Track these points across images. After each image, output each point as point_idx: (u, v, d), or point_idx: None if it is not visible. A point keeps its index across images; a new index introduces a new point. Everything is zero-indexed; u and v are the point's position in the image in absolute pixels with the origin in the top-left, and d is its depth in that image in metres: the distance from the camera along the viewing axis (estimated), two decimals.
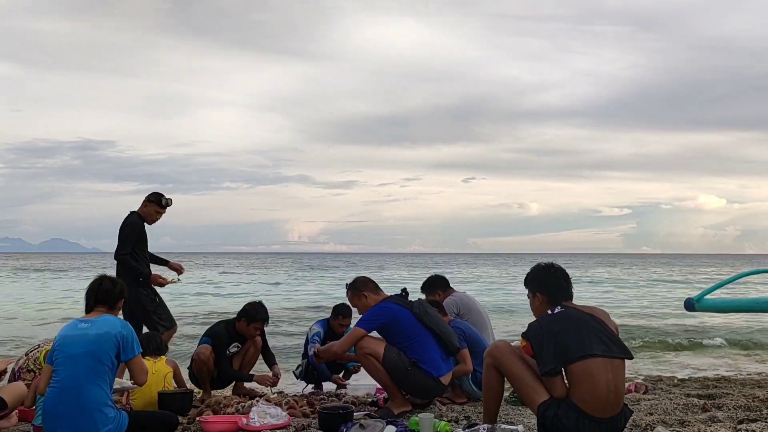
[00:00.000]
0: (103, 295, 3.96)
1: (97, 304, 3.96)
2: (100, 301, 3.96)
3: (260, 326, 6.01)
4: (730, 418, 4.63)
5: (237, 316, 5.98)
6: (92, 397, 3.69)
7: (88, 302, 4.00)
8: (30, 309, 19.34)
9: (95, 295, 3.97)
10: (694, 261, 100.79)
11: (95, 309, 3.95)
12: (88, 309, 3.98)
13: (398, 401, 4.84)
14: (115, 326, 3.82)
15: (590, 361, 3.46)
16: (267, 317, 6.04)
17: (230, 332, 5.92)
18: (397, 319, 4.80)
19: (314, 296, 25.07)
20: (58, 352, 3.78)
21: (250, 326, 5.90)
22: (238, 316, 5.96)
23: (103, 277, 4.10)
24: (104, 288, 3.98)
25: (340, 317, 6.43)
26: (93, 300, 3.97)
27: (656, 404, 5.17)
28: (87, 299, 4.02)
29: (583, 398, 3.46)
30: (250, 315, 5.91)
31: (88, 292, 4.03)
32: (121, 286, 4.08)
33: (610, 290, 30.15)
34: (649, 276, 45.35)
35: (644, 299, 24.28)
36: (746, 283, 23.67)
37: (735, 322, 14.44)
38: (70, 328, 3.86)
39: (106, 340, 3.75)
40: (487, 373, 3.89)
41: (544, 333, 3.55)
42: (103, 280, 4.05)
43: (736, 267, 60.73)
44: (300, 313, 17.58)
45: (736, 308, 7.70)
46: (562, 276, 3.79)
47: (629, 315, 17.47)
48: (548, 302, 3.72)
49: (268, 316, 6.05)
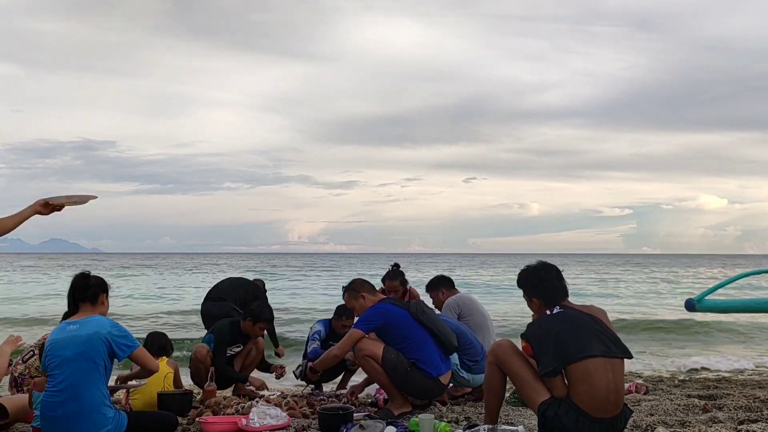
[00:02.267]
0: (80, 293, 3.88)
1: (78, 303, 3.89)
2: (80, 299, 3.88)
3: (265, 326, 6.04)
4: (730, 419, 4.62)
5: (242, 315, 6.00)
6: (90, 399, 3.67)
7: (69, 304, 3.94)
8: (30, 309, 19.35)
9: (73, 295, 3.90)
10: (695, 261, 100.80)
11: (80, 309, 3.89)
12: (72, 310, 3.92)
13: (398, 402, 4.83)
14: (104, 326, 3.76)
15: (590, 361, 3.45)
16: (272, 317, 6.09)
17: (234, 331, 5.93)
18: (395, 320, 4.80)
19: (314, 296, 25.07)
20: (50, 357, 3.73)
21: (255, 326, 5.91)
22: (243, 315, 5.98)
23: (76, 276, 3.99)
24: (78, 286, 3.90)
25: (343, 318, 6.42)
26: (72, 300, 3.91)
27: (657, 405, 5.17)
28: (68, 302, 3.95)
29: (583, 398, 3.45)
30: (255, 315, 5.93)
31: (67, 294, 3.96)
32: (96, 279, 3.95)
33: (611, 290, 30.14)
34: (649, 276, 45.33)
35: (645, 299, 24.27)
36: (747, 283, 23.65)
37: (736, 323, 14.43)
38: (59, 332, 3.80)
39: (96, 341, 3.71)
40: (490, 372, 3.89)
41: (544, 333, 3.54)
42: (75, 278, 3.96)
43: (736, 267, 60.70)
44: (300, 314, 17.58)
45: (737, 309, 7.69)
46: (554, 275, 3.76)
47: (629, 315, 17.46)
48: (545, 304, 3.71)
49: (273, 316, 6.10)
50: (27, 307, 20.18)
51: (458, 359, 5.32)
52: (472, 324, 5.79)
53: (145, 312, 18.27)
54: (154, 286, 31.32)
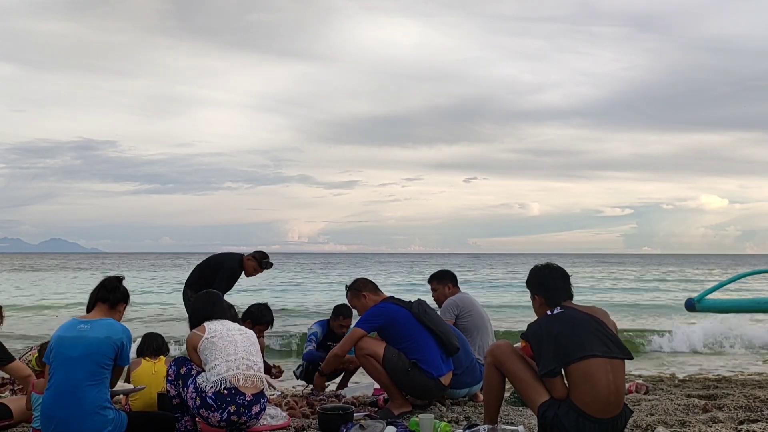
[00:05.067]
0: (105, 294, 3.91)
1: (98, 301, 3.91)
2: (101, 298, 3.90)
3: (265, 329, 5.99)
4: (731, 419, 4.62)
5: (242, 317, 5.97)
6: (91, 399, 3.66)
7: (90, 300, 3.95)
8: (28, 308, 19.34)
9: (97, 293, 3.92)
10: (695, 261, 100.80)
11: (96, 308, 3.90)
12: (90, 307, 3.93)
13: (398, 402, 4.82)
14: (116, 332, 3.76)
15: (590, 361, 3.45)
16: (272, 320, 6.04)
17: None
18: (396, 320, 4.80)
19: (315, 297, 25.06)
20: (55, 353, 3.72)
21: (255, 328, 5.88)
22: (243, 317, 5.94)
23: (110, 277, 4.04)
24: (107, 286, 3.93)
25: (341, 317, 6.41)
26: (94, 297, 3.93)
27: (657, 405, 5.17)
28: (90, 297, 3.97)
29: (583, 399, 3.45)
30: (255, 317, 5.89)
31: (92, 292, 3.97)
32: (125, 288, 4.01)
33: (611, 291, 30.15)
34: (649, 276, 45.32)
35: (645, 299, 24.28)
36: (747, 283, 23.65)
37: (736, 323, 14.41)
38: (67, 329, 3.78)
39: (107, 345, 3.70)
40: (488, 373, 3.88)
41: (544, 334, 3.54)
42: (108, 278, 4.00)
43: (736, 267, 60.70)
44: (301, 314, 17.58)
45: (737, 308, 7.69)
46: (559, 276, 3.78)
47: (630, 315, 17.47)
48: (546, 303, 3.71)
49: (273, 319, 6.06)
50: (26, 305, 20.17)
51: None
52: (470, 325, 5.77)
53: (145, 312, 18.26)
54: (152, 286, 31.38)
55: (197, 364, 4.09)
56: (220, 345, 4.02)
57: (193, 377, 4.02)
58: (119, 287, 3.96)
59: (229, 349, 4.01)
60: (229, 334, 4.09)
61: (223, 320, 4.22)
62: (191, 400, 3.97)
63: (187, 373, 4.06)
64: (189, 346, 4.13)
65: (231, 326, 4.18)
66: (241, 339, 4.12)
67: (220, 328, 4.12)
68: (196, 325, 4.19)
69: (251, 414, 3.98)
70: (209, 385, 3.92)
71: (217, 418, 3.92)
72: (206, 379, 3.95)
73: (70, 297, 24.40)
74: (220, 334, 4.07)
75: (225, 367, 3.95)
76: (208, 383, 3.93)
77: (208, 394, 3.90)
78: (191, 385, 3.99)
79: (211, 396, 3.90)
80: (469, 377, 5.28)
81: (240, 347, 4.06)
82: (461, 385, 5.27)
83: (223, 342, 4.04)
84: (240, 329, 4.22)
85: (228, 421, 3.93)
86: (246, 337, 4.18)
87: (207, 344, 4.03)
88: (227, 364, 3.96)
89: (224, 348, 4.01)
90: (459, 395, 5.34)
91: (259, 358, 4.21)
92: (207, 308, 4.27)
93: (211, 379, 3.93)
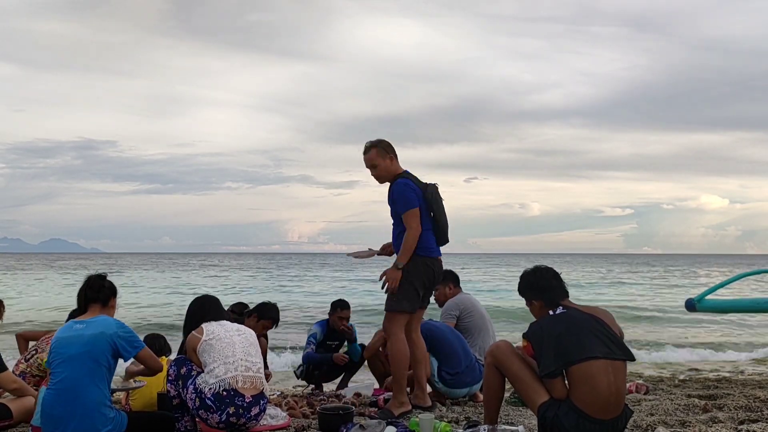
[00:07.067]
0: (93, 294, 3.94)
1: (89, 302, 3.95)
2: (91, 299, 3.94)
3: (269, 325, 6.03)
4: (731, 419, 4.62)
5: (248, 312, 5.99)
6: (91, 398, 3.68)
7: (80, 303, 3.99)
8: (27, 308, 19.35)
9: (85, 294, 3.96)
10: (695, 261, 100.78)
11: (89, 309, 3.94)
12: (81, 309, 3.97)
13: (398, 402, 4.82)
14: (110, 326, 3.80)
15: (591, 362, 3.44)
16: (278, 318, 6.08)
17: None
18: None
19: (314, 296, 25.06)
20: (54, 354, 3.77)
21: (259, 323, 5.90)
22: (249, 312, 5.97)
23: (90, 276, 4.07)
24: (92, 286, 3.97)
25: (338, 310, 6.44)
26: (83, 299, 3.96)
27: (657, 405, 5.17)
28: (78, 300, 4.01)
29: (584, 400, 3.44)
30: (261, 312, 5.94)
31: (78, 293, 4.02)
32: (110, 282, 4.05)
33: (611, 291, 30.14)
34: (650, 276, 45.32)
35: (645, 299, 24.27)
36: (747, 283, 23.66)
37: (736, 323, 14.43)
38: (65, 330, 3.85)
39: (101, 341, 3.74)
40: (488, 373, 3.88)
41: (545, 334, 3.54)
42: (90, 278, 4.03)
43: (737, 267, 60.70)
44: (301, 314, 17.58)
45: (737, 308, 7.70)
46: (551, 276, 3.78)
47: (630, 315, 17.47)
48: (546, 305, 3.71)
49: (279, 317, 6.09)
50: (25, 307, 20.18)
51: (436, 367, 5.29)
52: (471, 325, 5.78)
53: (145, 312, 18.27)
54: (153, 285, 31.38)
55: (197, 365, 4.08)
56: (218, 347, 4.01)
57: (193, 378, 4.02)
58: (104, 284, 4.00)
59: (227, 351, 4.00)
60: (227, 336, 4.07)
61: (221, 321, 4.21)
62: (191, 401, 3.97)
63: (187, 374, 4.06)
64: (188, 348, 4.12)
65: (229, 327, 4.16)
66: (240, 340, 4.11)
67: (218, 329, 4.11)
68: (192, 328, 4.19)
69: (250, 415, 3.97)
70: (208, 386, 3.92)
71: (216, 420, 3.91)
72: (205, 381, 3.94)
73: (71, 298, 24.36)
74: (218, 336, 4.06)
75: (223, 369, 3.94)
76: (207, 385, 3.92)
77: (207, 396, 3.90)
78: (191, 386, 3.98)
79: (210, 397, 3.89)
80: (469, 377, 5.28)
81: (238, 348, 4.05)
82: (461, 385, 5.26)
83: (221, 344, 4.02)
84: (238, 330, 4.20)
85: (227, 423, 3.92)
86: (244, 337, 4.16)
87: (205, 347, 4.02)
88: (226, 366, 3.95)
89: (222, 350, 4.00)
90: (459, 395, 5.34)
91: (259, 358, 4.20)
92: (202, 310, 4.27)
93: (210, 381, 3.93)
